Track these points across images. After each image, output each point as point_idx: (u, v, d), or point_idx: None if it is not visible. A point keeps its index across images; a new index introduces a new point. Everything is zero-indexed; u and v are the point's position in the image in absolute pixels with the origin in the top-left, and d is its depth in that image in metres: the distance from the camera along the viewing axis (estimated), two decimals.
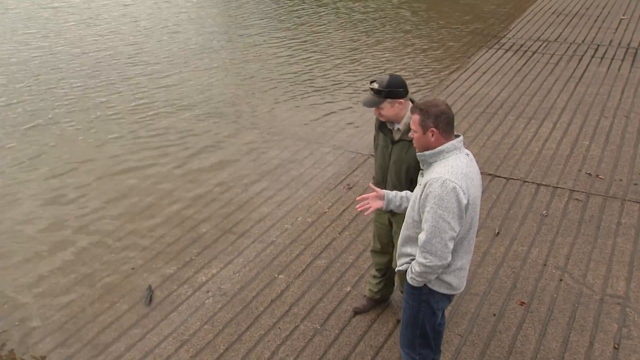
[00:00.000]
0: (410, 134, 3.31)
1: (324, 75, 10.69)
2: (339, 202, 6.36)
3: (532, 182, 6.69)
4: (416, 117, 3.19)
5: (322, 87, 10.11)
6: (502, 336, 4.51)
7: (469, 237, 3.24)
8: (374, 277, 4.65)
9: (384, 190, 3.63)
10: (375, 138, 4.23)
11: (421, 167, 3.32)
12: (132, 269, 5.52)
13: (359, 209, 3.62)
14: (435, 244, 3.08)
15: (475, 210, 3.20)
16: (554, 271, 5.20)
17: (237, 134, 8.30)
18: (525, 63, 10.86)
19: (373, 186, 3.68)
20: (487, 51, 11.68)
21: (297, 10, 15.52)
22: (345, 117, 8.90)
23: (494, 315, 4.72)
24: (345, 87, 10.11)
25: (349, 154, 7.60)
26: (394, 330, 4.58)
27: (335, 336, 4.54)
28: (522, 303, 4.84)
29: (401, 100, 3.85)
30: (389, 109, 3.86)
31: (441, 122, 3.14)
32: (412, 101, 3.96)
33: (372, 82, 3.91)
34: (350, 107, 9.23)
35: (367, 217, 6.04)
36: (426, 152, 3.20)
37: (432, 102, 3.21)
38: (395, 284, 4.73)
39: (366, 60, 11.54)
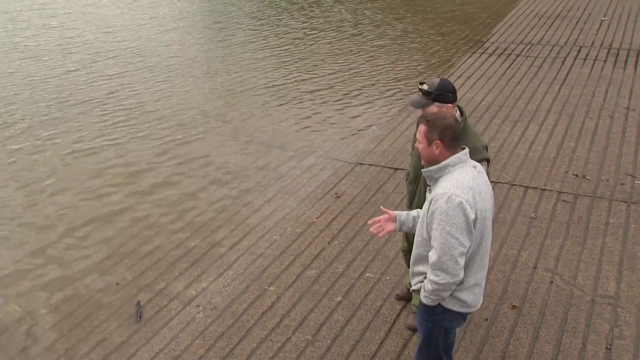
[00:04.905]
0: (416, 144, 3.28)
1: (308, 84, 10.70)
2: (327, 212, 6.34)
3: (520, 185, 6.70)
4: (422, 128, 3.18)
5: (305, 96, 10.11)
6: (494, 341, 4.49)
7: (481, 252, 3.19)
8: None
9: (395, 212, 3.58)
10: (415, 136, 4.23)
11: (428, 183, 3.29)
12: (117, 284, 5.47)
13: (373, 232, 3.56)
14: (445, 261, 3.03)
15: (486, 224, 3.15)
16: (544, 274, 5.21)
17: (221, 145, 8.27)
18: (509, 66, 10.92)
19: (384, 209, 3.61)
20: (470, 56, 11.73)
21: (280, 19, 15.53)
22: (330, 126, 8.90)
23: (486, 320, 4.71)
24: (329, 95, 10.12)
25: (336, 162, 7.59)
26: (386, 338, 4.55)
27: (327, 347, 4.51)
28: (514, 307, 4.83)
29: (449, 105, 3.80)
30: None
31: (446, 136, 3.12)
32: (460, 109, 3.94)
33: (421, 83, 3.86)
34: (335, 116, 9.23)
35: (355, 226, 6.03)
36: (431, 168, 3.18)
37: (440, 115, 3.20)
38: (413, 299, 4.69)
39: (348, 68, 11.56)
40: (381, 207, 3.69)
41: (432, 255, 3.09)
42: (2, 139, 8.46)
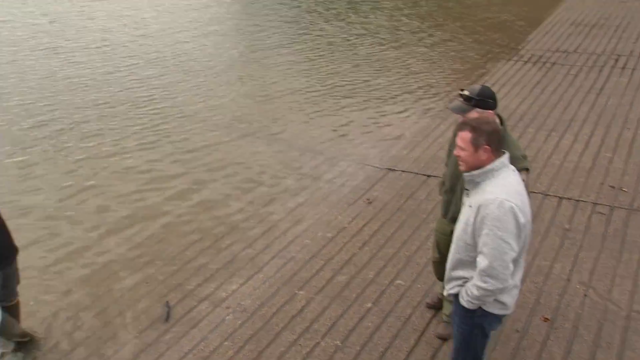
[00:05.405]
0: (455, 152, 3.25)
1: (341, 88, 10.69)
2: (358, 217, 6.33)
3: (554, 196, 6.61)
4: (467, 134, 3.12)
5: (340, 102, 10.10)
6: (525, 353, 4.43)
7: (523, 254, 3.19)
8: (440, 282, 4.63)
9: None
10: (451, 145, 4.20)
11: (466, 187, 3.26)
12: (146, 283, 5.52)
13: None
14: (497, 267, 3.02)
15: (529, 227, 3.15)
16: (578, 287, 5.12)
17: (254, 149, 8.30)
18: (544, 75, 10.78)
19: None
20: (505, 63, 11.62)
21: (317, 24, 15.56)
22: (363, 131, 8.88)
23: (517, 331, 4.65)
24: (362, 100, 10.10)
25: (368, 168, 7.57)
26: (415, 347, 4.53)
27: (356, 353, 4.50)
28: (546, 319, 4.76)
29: (490, 112, 3.79)
30: None
31: (494, 140, 3.09)
32: (500, 117, 3.91)
33: (462, 89, 3.87)
34: (369, 122, 9.21)
35: (387, 232, 6.02)
36: (474, 172, 3.14)
37: (483, 119, 3.18)
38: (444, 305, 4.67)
39: (383, 73, 11.53)
40: None
41: (482, 261, 3.06)
42: (42, 141, 8.56)
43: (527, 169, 3.79)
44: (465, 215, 3.20)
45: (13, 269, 4.31)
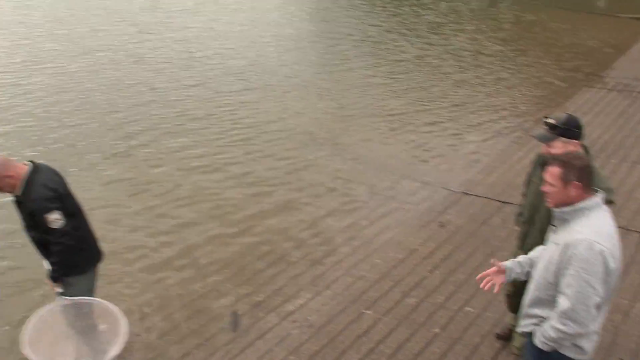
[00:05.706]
0: (543, 188, 3.13)
1: (419, 110, 10.64)
2: (430, 240, 6.26)
3: (636, 232, 6.35)
4: (556, 169, 3.00)
5: (418, 122, 10.06)
6: None
7: (608, 299, 3.05)
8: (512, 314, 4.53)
9: (504, 263, 3.45)
10: (530, 174, 4.14)
11: (554, 223, 3.15)
12: (217, 291, 5.60)
13: (485, 288, 3.43)
14: (579, 310, 2.90)
15: (619, 272, 3.01)
16: None
17: (329, 164, 8.36)
18: (630, 104, 10.41)
19: (495, 261, 3.47)
20: (588, 91, 11.28)
21: (399, 45, 15.57)
22: (439, 152, 8.80)
23: None
24: (441, 123, 10.02)
25: (443, 190, 7.48)
26: None
27: None
28: None
29: (576, 142, 3.71)
30: (560, 148, 3.65)
31: (585, 177, 2.97)
32: (586, 148, 3.81)
33: (547, 117, 3.80)
34: (446, 144, 9.13)
35: (458, 257, 5.93)
36: (565, 209, 3.01)
37: (574, 154, 3.06)
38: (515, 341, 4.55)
39: (464, 97, 11.40)
40: (492, 260, 3.51)
41: (564, 303, 2.94)
42: (124, 150, 8.78)
43: (612, 202, 3.66)
44: (550, 252, 3.08)
45: (96, 273, 4.48)
